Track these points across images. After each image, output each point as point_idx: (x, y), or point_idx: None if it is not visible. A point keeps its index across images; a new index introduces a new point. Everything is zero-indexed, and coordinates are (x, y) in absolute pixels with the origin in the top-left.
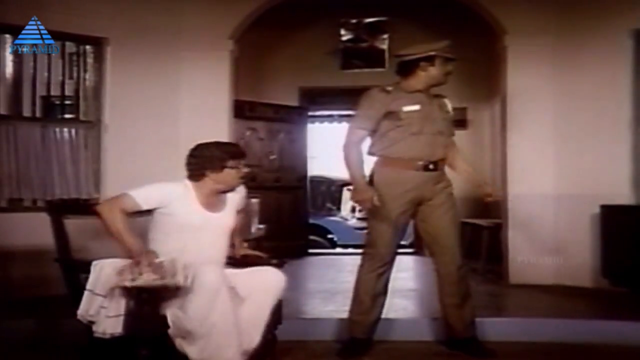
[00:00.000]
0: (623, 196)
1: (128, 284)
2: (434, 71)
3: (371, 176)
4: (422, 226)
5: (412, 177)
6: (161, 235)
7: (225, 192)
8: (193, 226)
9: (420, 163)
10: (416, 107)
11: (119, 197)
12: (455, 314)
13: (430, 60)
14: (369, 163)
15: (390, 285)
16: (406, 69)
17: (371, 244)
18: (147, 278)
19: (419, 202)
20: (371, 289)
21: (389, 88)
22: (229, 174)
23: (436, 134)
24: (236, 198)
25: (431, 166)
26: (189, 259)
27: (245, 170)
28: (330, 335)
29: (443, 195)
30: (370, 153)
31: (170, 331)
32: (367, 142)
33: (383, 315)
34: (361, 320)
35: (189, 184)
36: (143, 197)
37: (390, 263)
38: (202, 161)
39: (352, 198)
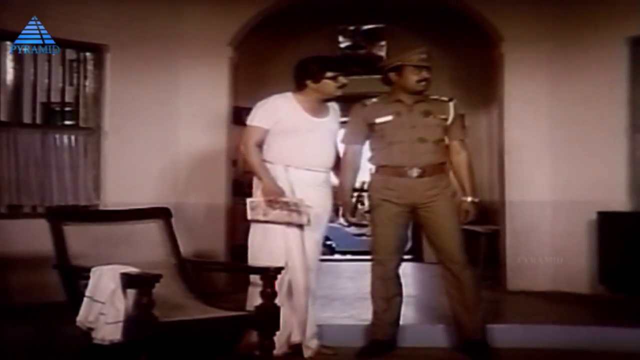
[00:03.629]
0: (620, 203)
1: (261, 218)
2: (403, 81)
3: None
4: (425, 233)
5: (397, 183)
6: (276, 141)
7: (326, 100)
8: (301, 129)
9: (402, 170)
10: (388, 118)
11: (246, 132)
12: (465, 316)
13: (397, 70)
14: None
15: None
16: (386, 79)
17: (373, 250)
18: (277, 214)
19: (412, 207)
20: (383, 293)
21: (369, 102)
22: (328, 84)
23: (416, 141)
24: (336, 108)
25: (415, 173)
26: (302, 160)
27: (343, 80)
28: (326, 341)
29: (440, 202)
30: (369, 162)
31: None
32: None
33: None
34: (379, 323)
35: (289, 95)
36: (262, 119)
37: (395, 267)
38: (303, 73)
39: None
